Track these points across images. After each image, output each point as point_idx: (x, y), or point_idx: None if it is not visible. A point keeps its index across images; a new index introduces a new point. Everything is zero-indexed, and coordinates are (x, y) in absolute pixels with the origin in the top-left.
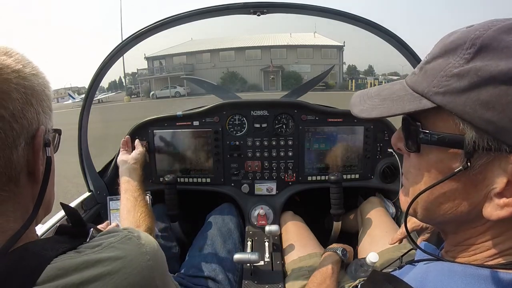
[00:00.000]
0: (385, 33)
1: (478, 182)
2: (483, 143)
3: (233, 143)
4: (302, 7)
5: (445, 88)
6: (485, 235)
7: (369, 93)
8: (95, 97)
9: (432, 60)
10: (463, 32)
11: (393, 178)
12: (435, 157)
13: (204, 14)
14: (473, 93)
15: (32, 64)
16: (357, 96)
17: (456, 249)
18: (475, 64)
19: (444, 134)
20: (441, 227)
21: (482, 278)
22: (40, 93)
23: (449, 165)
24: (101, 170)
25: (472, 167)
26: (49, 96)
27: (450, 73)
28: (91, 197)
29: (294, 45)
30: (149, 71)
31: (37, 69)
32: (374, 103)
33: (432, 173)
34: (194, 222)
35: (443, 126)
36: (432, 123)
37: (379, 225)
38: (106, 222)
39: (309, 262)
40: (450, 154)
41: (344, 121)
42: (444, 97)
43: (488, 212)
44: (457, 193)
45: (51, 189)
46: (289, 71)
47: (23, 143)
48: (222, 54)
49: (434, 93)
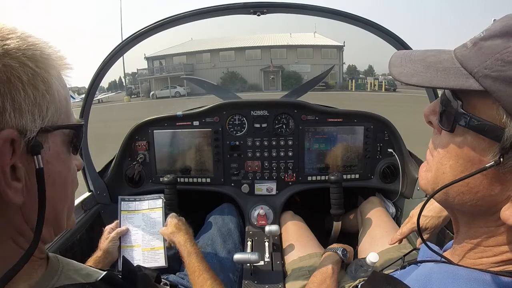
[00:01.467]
0: (385, 33)
1: (506, 181)
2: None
3: (233, 143)
4: (302, 7)
5: (498, 73)
6: (496, 239)
7: (412, 55)
8: (95, 97)
9: (489, 38)
10: None
11: (393, 178)
12: (468, 143)
13: (204, 14)
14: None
15: (5, 40)
16: (397, 56)
17: (464, 248)
18: None
19: (484, 122)
20: (456, 215)
21: (486, 283)
22: (8, 81)
23: (481, 155)
24: (101, 170)
25: (504, 164)
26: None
27: (507, 58)
28: (91, 197)
29: (294, 45)
30: (149, 71)
31: (10, 47)
32: (416, 68)
33: (461, 159)
34: (194, 222)
35: (485, 112)
36: (474, 106)
37: (379, 225)
38: (116, 221)
39: (309, 262)
40: (485, 145)
41: (344, 121)
42: (495, 83)
43: (506, 215)
44: (481, 186)
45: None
46: (289, 71)
47: None
48: (222, 54)
49: (485, 75)
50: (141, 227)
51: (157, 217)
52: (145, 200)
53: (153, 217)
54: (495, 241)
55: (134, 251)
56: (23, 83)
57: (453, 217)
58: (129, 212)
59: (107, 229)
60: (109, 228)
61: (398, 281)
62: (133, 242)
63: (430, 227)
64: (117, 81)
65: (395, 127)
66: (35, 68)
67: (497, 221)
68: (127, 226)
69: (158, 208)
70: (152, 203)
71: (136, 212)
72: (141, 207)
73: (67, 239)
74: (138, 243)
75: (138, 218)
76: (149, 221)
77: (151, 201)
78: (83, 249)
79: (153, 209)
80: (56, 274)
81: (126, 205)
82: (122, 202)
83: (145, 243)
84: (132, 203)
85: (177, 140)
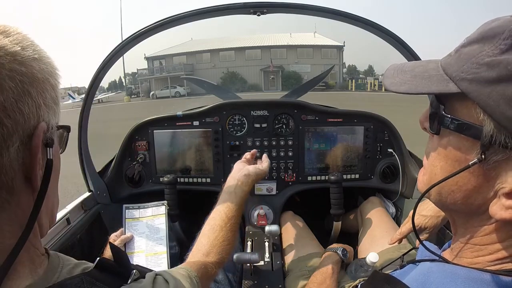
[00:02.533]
0: (385, 33)
1: (491, 178)
2: (500, 138)
3: (233, 143)
4: (302, 7)
5: (473, 75)
6: (490, 237)
7: (403, 67)
8: (95, 97)
9: (468, 44)
10: (505, 20)
11: (393, 178)
12: (454, 144)
13: (204, 14)
14: (499, 86)
15: (36, 46)
16: (391, 69)
17: (461, 248)
18: (509, 56)
19: (463, 121)
20: (453, 216)
21: (485, 282)
22: (42, 82)
23: (466, 154)
24: (101, 170)
25: (487, 161)
26: (55, 86)
27: (482, 61)
28: (91, 197)
29: (294, 45)
30: (149, 71)
31: (41, 53)
32: (405, 78)
33: (449, 160)
34: (194, 222)
35: (465, 113)
36: (455, 108)
37: (379, 225)
38: (120, 229)
39: (309, 262)
40: (468, 144)
41: (344, 121)
42: (470, 85)
43: (493, 210)
44: (469, 184)
45: (53, 195)
46: (289, 71)
47: (17, 143)
48: (222, 54)
49: (461, 78)
50: (145, 234)
51: (160, 223)
52: (148, 207)
53: (157, 224)
54: (490, 239)
55: (138, 256)
56: (51, 85)
57: (451, 219)
58: (133, 220)
59: (112, 237)
60: (114, 236)
61: (397, 280)
62: (137, 248)
63: (429, 226)
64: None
65: (395, 127)
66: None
67: (490, 219)
68: (131, 233)
69: (161, 215)
70: (156, 210)
71: (140, 219)
72: (145, 215)
73: (67, 239)
74: (142, 249)
75: (142, 225)
76: (152, 227)
77: (154, 208)
78: (83, 249)
79: (156, 215)
80: (57, 271)
81: (130, 213)
82: (127, 211)
83: (149, 248)
84: (136, 211)
85: (177, 140)
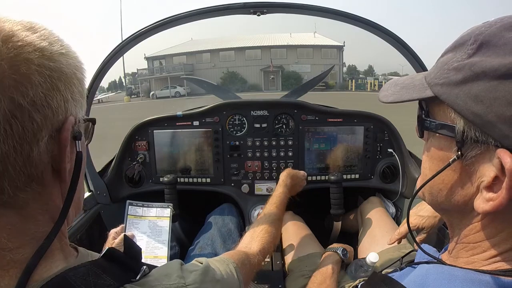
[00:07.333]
0: (385, 33)
1: (471, 173)
2: (471, 133)
3: (233, 143)
4: (302, 7)
5: (444, 79)
6: (481, 234)
7: (397, 81)
8: (95, 97)
9: (445, 54)
10: (473, 27)
11: (393, 178)
12: (436, 144)
13: (204, 14)
14: (465, 86)
15: (62, 41)
16: (387, 84)
17: (458, 247)
18: (474, 59)
19: (439, 122)
20: (448, 218)
21: (483, 283)
22: (70, 76)
23: (447, 153)
24: (101, 170)
25: (465, 157)
26: (81, 80)
27: (451, 67)
28: (91, 197)
29: (294, 45)
30: (149, 71)
31: (68, 48)
32: (395, 90)
33: (434, 160)
34: (194, 222)
35: (441, 115)
36: (434, 112)
37: (379, 225)
38: (121, 225)
39: (309, 262)
40: (447, 143)
41: (344, 121)
42: (442, 88)
43: (477, 204)
44: (453, 181)
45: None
46: (289, 71)
47: (46, 137)
48: (222, 54)
49: (435, 84)
50: (147, 234)
51: (163, 226)
52: (153, 207)
53: (160, 226)
54: (481, 236)
55: None
56: (78, 79)
57: (447, 221)
58: (136, 218)
59: (112, 233)
60: (114, 233)
61: (395, 281)
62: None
63: (426, 227)
64: (117, 81)
65: (395, 127)
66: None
67: (478, 215)
68: (132, 231)
69: (166, 217)
70: (160, 212)
71: (143, 218)
72: (148, 214)
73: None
74: (142, 250)
75: (144, 224)
76: (155, 229)
77: (159, 209)
78: None
79: (160, 217)
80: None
81: (133, 210)
82: (130, 206)
83: (149, 250)
84: (140, 209)
85: (177, 140)
